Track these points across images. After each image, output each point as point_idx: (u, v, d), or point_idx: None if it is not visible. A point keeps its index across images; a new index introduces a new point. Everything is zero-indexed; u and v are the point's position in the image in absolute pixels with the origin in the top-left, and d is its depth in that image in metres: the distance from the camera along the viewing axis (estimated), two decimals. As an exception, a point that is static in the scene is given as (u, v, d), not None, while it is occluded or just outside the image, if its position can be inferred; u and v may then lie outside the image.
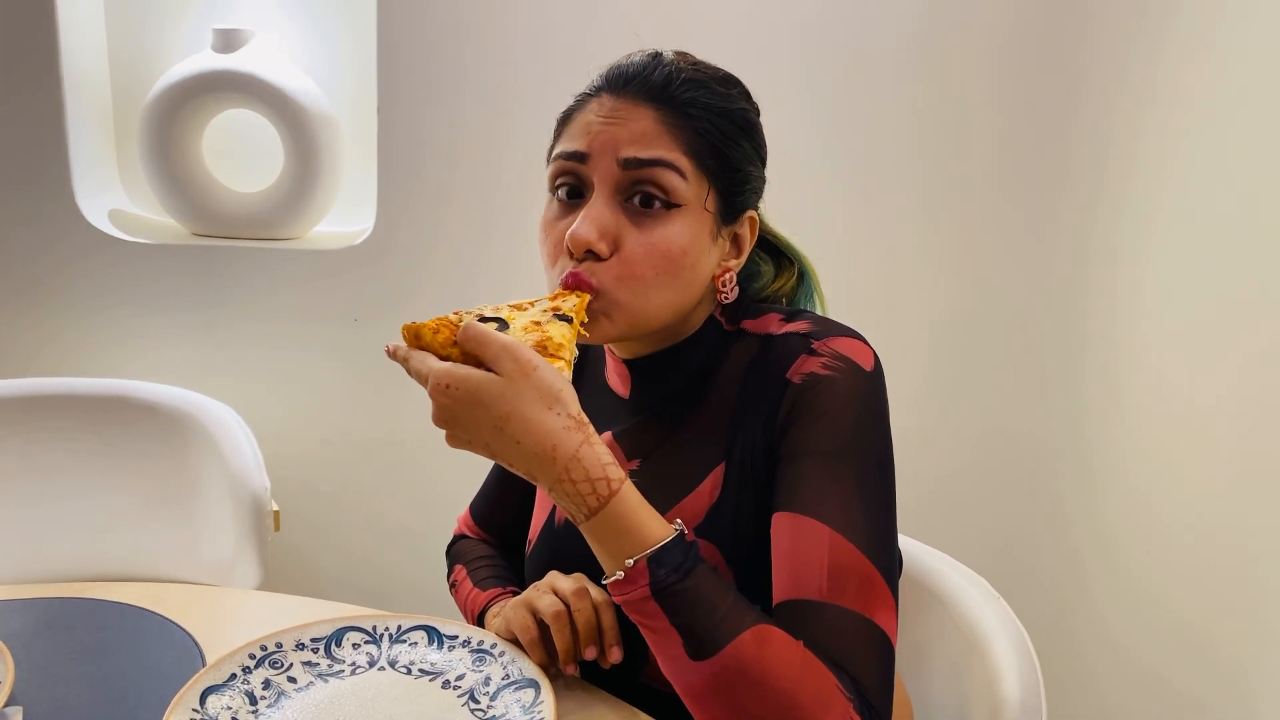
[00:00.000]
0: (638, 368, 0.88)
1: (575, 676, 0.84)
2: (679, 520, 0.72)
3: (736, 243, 0.86)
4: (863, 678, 0.69)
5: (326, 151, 1.66)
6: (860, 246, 1.65)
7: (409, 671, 0.83)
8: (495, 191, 1.64)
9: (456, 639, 0.86)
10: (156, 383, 1.48)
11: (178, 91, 1.61)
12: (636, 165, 0.78)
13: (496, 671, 0.82)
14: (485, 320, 0.74)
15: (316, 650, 0.84)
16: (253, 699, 0.78)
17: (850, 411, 0.76)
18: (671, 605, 0.68)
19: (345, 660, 0.84)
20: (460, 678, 0.82)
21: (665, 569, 0.68)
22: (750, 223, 0.86)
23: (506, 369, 0.67)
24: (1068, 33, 1.55)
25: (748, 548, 0.79)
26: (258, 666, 0.81)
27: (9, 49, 1.58)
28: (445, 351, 0.71)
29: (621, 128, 0.79)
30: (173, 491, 1.37)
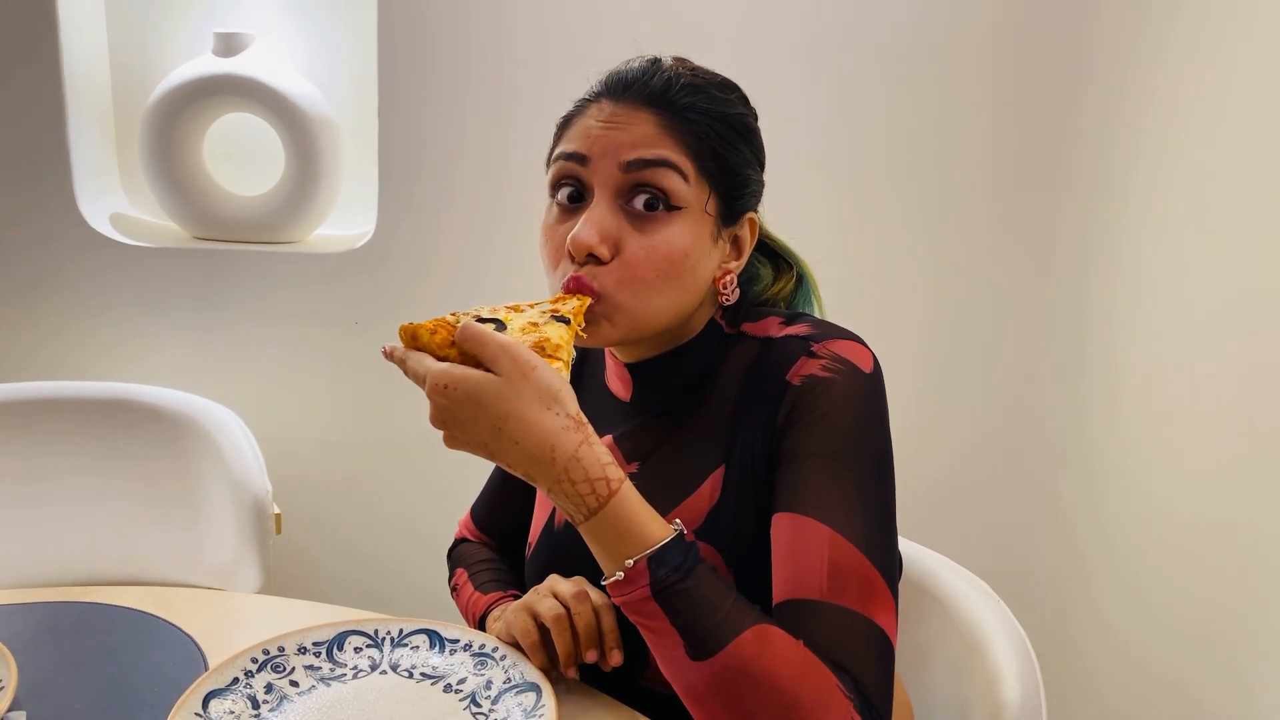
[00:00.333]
0: (639, 371, 0.88)
1: (576, 680, 0.84)
2: (678, 520, 0.72)
3: (736, 245, 0.86)
4: (863, 678, 0.69)
5: (327, 155, 1.67)
6: (858, 248, 1.65)
7: (411, 675, 0.83)
8: (496, 195, 1.64)
9: (458, 643, 0.86)
10: (158, 386, 1.48)
11: (179, 95, 1.62)
12: (640, 166, 0.78)
13: (498, 675, 0.82)
14: (483, 321, 0.73)
15: (318, 654, 0.84)
16: (255, 703, 0.78)
17: (850, 413, 0.76)
18: (672, 605, 0.68)
19: (347, 664, 0.84)
20: (462, 681, 0.82)
21: (665, 569, 0.68)
22: (750, 224, 0.86)
23: (505, 369, 0.67)
24: (1068, 33, 1.55)
25: (748, 550, 0.79)
26: (260, 670, 0.81)
27: (10, 53, 1.59)
28: (443, 352, 0.70)
29: (622, 132, 0.79)
30: (174, 495, 1.37)
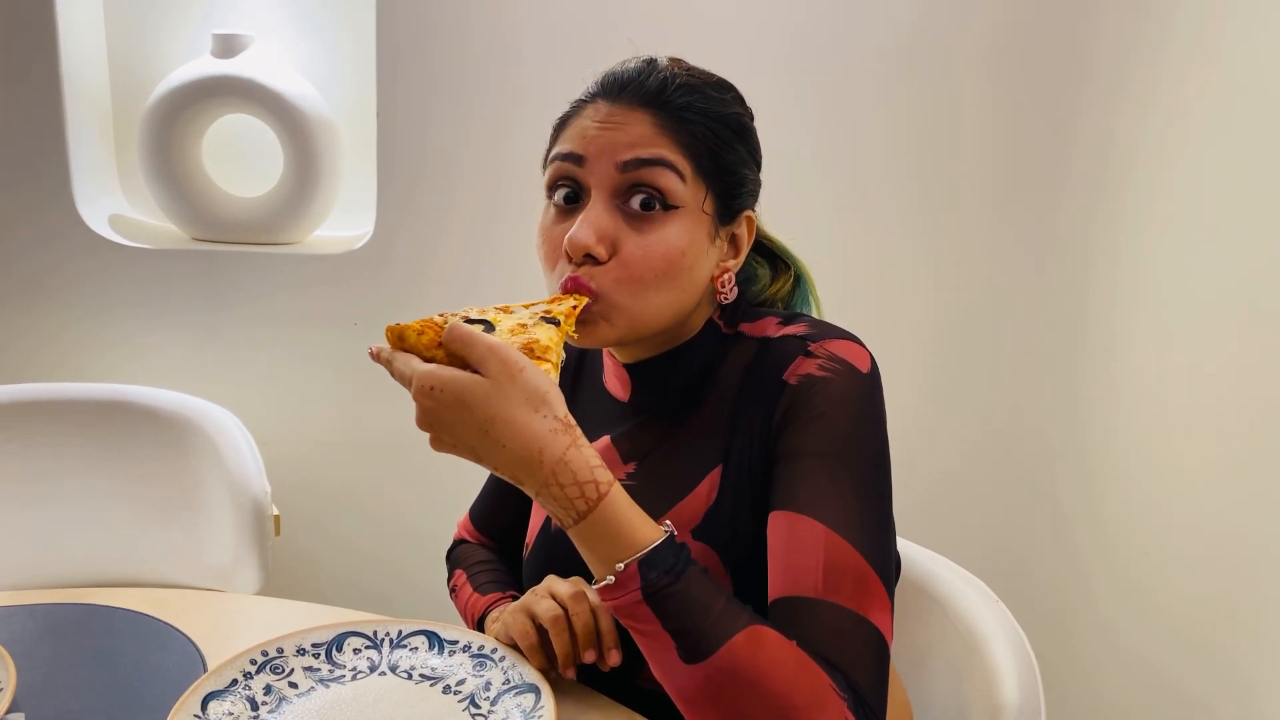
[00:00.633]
0: (637, 371, 0.88)
1: (574, 680, 0.84)
2: (668, 522, 0.72)
3: (734, 243, 0.86)
4: (857, 676, 0.68)
5: (326, 156, 1.67)
6: (857, 248, 1.65)
7: (410, 676, 0.83)
8: (494, 195, 1.64)
9: (457, 644, 0.86)
10: (157, 387, 1.48)
11: (177, 97, 1.62)
12: (636, 166, 0.78)
13: (497, 677, 0.82)
14: (471, 322, 0.72)
15: (317, 655, 0.84)
16: (254, 704, 0.78)
17: (846, 412, 0.76)
18: (664, 608, 0.67)
19: (346, 665, 0.84)
20: (461, 683, 0.82)
21: (656, 572, 0.68)
22: (747, 223, 0.86)
23: (493, 371, 0.66)
24: (1068, 32, 1.55)
25: (745, 549, 0.79)
26: (259, 672, 0.81)
27: (9, 54, 1.59)
28: (430, 353, 0.70)
29: (619, 132, 0.79)
30: (173, 496, 1.37)
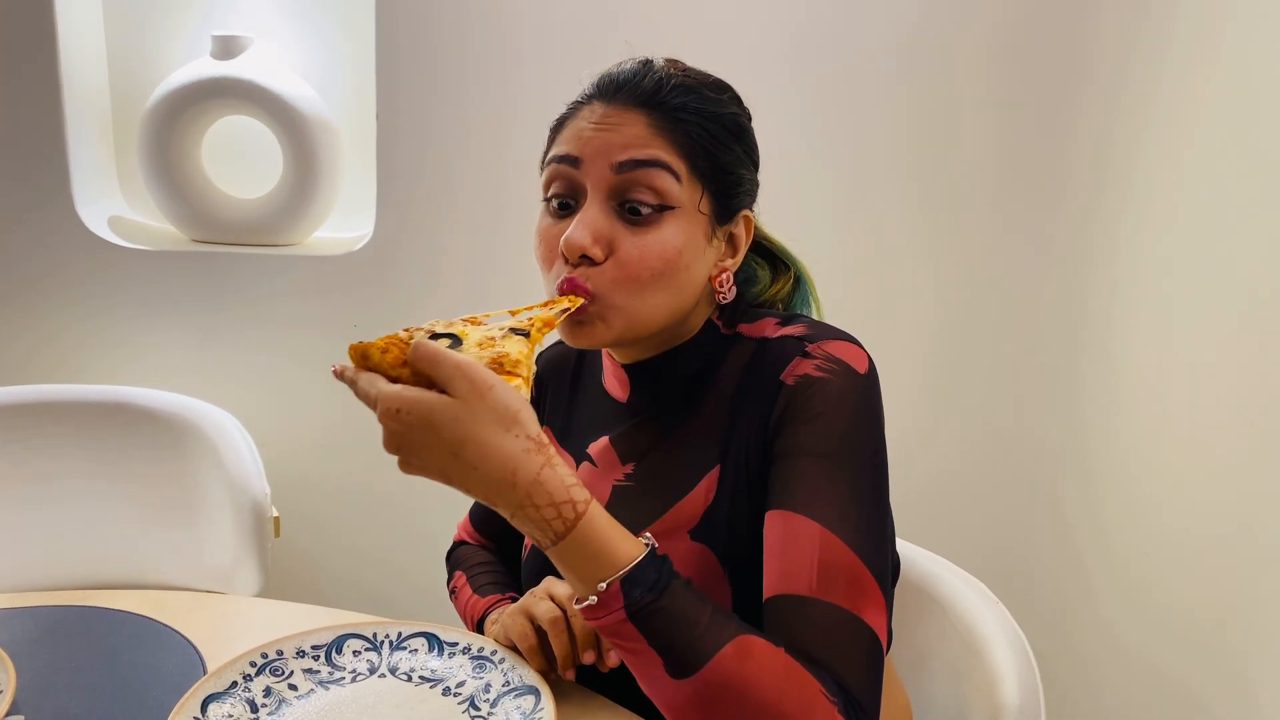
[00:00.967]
0: (636, 371, 0.88)
1: (574, 681, 0.84)
2: (648, 534, 0.71)
3: (732, 243, 0.86)
4: (848, 674, 0.68)
5: (325, 157, 1.67)
6: (857, 249, 1.65)
7: (409, 679, 0.83)
8: (494, 197, 1.64)
9: (457, 646, 0.86)
10: (156, 389, 1.48)
11: (177, 98, 1.62)
12: (631, 167, 0.78)
13: (496, 678, 0.82)
14: (437, 336, 0.69)
15: (317, 658, 0.84)
16: (254, 706, 0.78)
17: (843, 412, 0.76)
18: (649, 626, 0.66)
19: (346, 667, 0.84)
20: (460, 685, 0.82)
21: (640, 589, 0.66)
22: (745, 222, 0.86)
23: (461, 390, 0.64)
24: (1068, 31, 1.54)
25: (743, 550, 0.79)
26: (259, 674, 0.81)
27: (8, 56, 1.58)
28: (395, 372, 0.67)
29: (614, 133, 0.79)
30: (173, 498, 1.37)
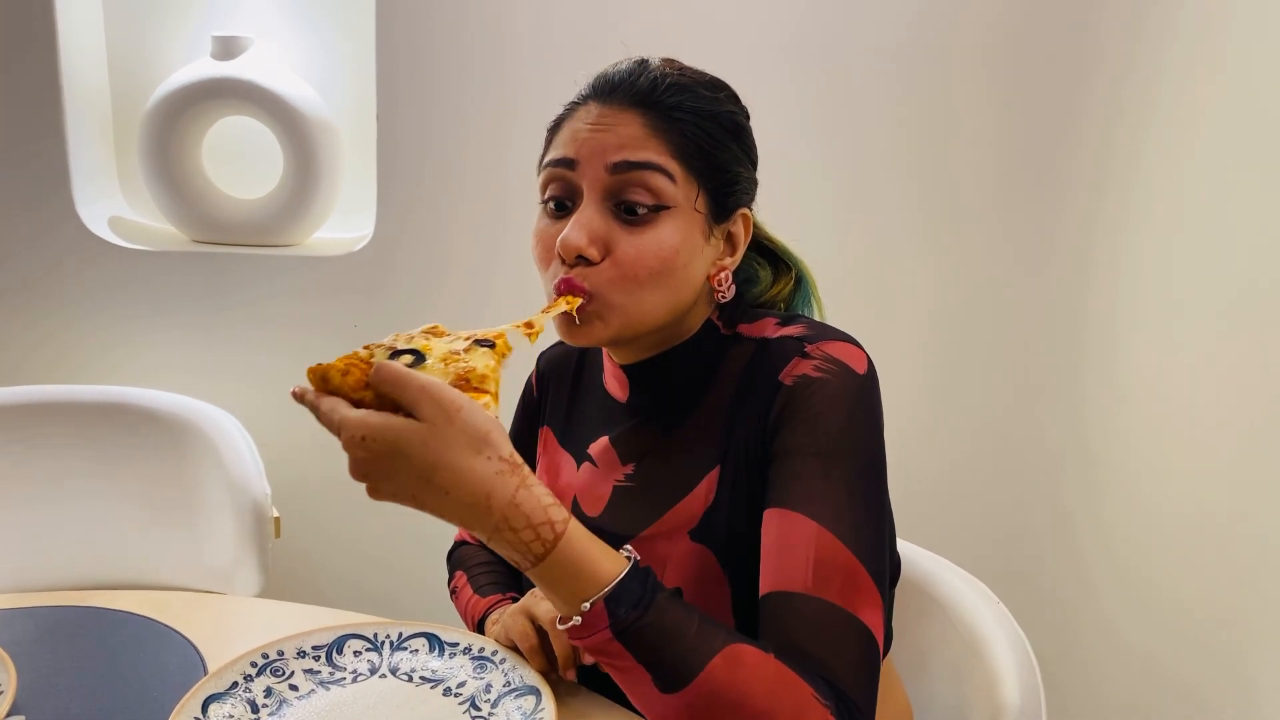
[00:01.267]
0: (635, 372, 0.88)
1: (574, 682, 0.84)
2: (628, 547, 0.70)
3: (731, 241, 0.86)
4: (841, 673, 0.67)
5: (326, 158, 1.67)
6: (857, 249, 1.65)
7: (410, 679, 0.84)
8: (494, 197, 1.64)
9: (457, 646, 0.86)
10: (156, 389, 1.48)
11: (177, 98, 1.62)
12: (626, 168, 0.78)
13: (497, 679, 0.82)
14: (399, 353, 0.67)
15: (318, 658, 0.84)
16: (254, 707, 0.78)
17: (841, 412, 0.76)
18: (636, 643, 0.65)
19: (346, 668, 0.84)
20: (461, 685, 0.82)
21: (624, 607, 0.65)
22: (744, 220, 0.86)
23: (428, 413, 0.61)
24: (1069, 32, 1.54)
25: (742, 551, 0.79)
26: (259, 674, 0.81)
27: (9, 57, 1.58)
28: (358, 395, 0.63)
29: (609, 133, 0.79)
30: (173, 498, 1.37)
